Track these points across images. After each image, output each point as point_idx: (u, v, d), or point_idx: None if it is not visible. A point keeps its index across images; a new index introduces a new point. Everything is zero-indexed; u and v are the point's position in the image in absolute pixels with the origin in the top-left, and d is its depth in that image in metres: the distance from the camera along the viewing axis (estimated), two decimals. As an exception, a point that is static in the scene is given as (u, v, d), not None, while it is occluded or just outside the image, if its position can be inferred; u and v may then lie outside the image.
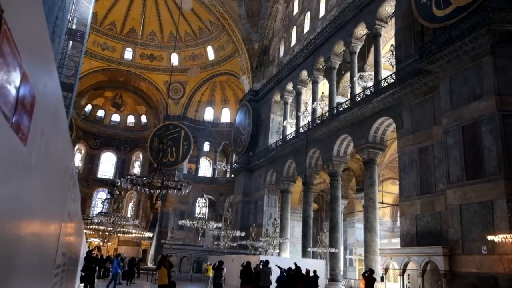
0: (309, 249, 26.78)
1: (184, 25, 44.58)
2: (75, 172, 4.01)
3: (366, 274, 13.98)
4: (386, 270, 18.35)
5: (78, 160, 51.37)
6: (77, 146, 50.13)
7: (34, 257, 2.15)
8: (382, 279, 18.70)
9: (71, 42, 23.07)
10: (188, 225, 26.87)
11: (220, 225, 27.11)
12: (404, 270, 17.05)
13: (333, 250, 24.21)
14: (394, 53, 21.69)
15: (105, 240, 25.44)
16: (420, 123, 18.23)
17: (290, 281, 11.95)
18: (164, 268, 9.89)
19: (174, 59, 47.16)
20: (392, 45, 22.63)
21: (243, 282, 12.41)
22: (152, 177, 11.02)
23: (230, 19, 39.69)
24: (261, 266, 14.05)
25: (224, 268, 15.52)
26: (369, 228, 21.38)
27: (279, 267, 13.17)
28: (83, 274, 11.92)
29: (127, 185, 11.80)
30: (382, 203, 25.25)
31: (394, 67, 21.36)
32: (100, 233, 25.05)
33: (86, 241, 28.92)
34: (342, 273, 26.92)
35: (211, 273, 18.13)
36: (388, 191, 28.72)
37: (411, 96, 18.97)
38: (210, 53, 45.82)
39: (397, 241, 22.12)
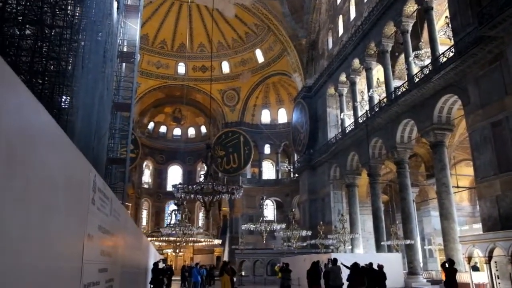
0: (382, 243, 25.56)
1: (230, 32, 45.11)
2: (101, 184, 3.90)
3: (446, 265, 13.00)
4: (470, 258, 16.85)
5: (147, 176, 54.12)
6: (145, 163, 52.71)
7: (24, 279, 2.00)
8: (475, 269, 17.19)
9: (124, 64, 24.20)
10: (251, 228, 26.88)
11: (284, 226, 26.77)
12: (490, 258, 15.51)
13: (408, 241, 22.91)
14: (450, 25, 20.03)
15: (177, 250, 26.22)
16: (489, 95, 16.57)
17: (359, 277, 11.32)
18: (226, 275, 9.78)
19: (225, 67, 47.87)
20: (446, 16, 20.97)
21: (310, 282, 11.97)
22: (201, 183, 11.05)
23: (274, 19, 39.45)
24: (330, 265, 13.50)
25: (291, 269, 15.18)
26: (445, 215, 19.92)
27: (343, 264, 12.52)
28: (152, 286, 12.20)
29: (179, 194, 11.96)
30: (458, 187, 23.42)
31: (452, 40, 19.74)
32: (171, 244, 25.88)
33: (161, 253, 30.08)
34: (421, 265, 25.41)
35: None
36: (463, 174, 26.56)
37: (475, 67, 17.35)
38: (259, 56, 45.87)
39: (479, 226, 20.30)
